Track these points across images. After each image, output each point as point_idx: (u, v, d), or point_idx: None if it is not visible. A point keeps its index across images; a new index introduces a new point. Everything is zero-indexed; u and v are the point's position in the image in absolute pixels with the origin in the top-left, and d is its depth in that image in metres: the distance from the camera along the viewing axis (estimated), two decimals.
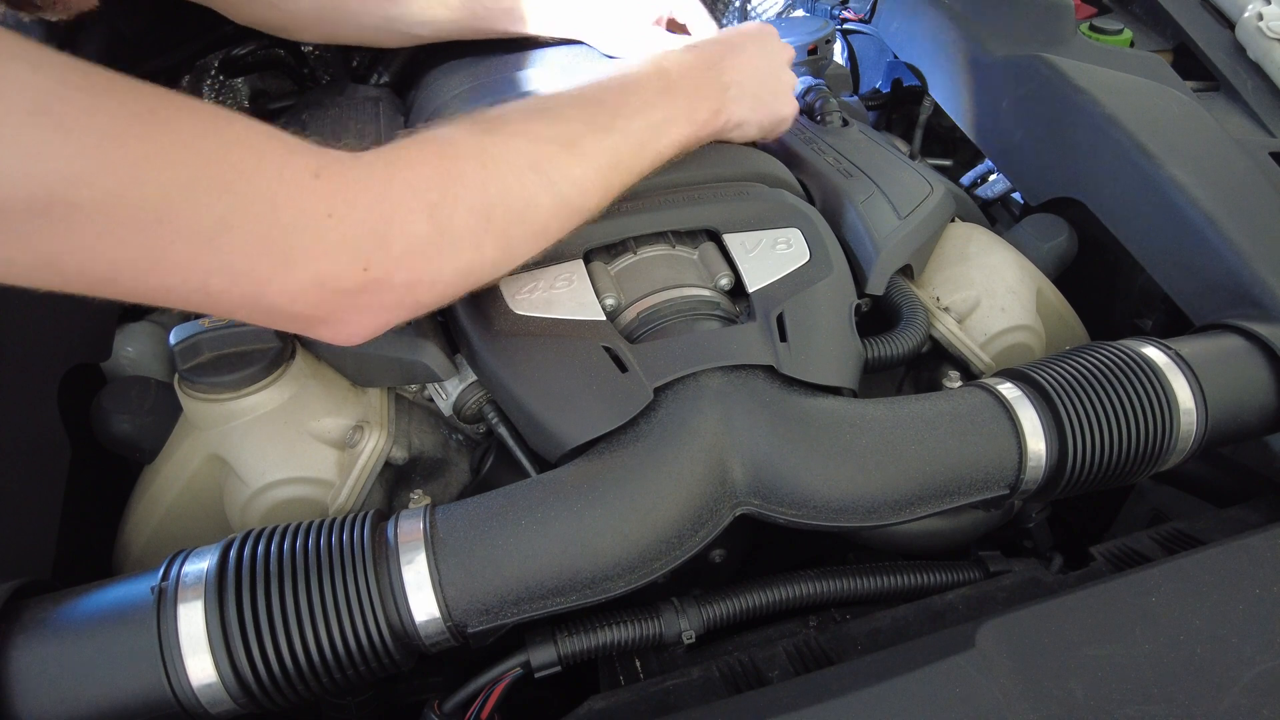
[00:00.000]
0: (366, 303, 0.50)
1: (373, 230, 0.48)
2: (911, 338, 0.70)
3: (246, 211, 0.44)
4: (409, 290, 0.52)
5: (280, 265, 0.46)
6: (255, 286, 0.46)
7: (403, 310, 0.53)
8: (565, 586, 0.51)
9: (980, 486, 0.58)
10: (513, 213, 0.55)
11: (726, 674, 0.54)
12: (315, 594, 0.48)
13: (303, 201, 0.45)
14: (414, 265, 0.51)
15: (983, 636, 0.50)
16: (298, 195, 0.45)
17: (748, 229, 0.69)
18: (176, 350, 0.59)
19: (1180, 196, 0.77)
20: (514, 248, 0.56)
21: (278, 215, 0.45)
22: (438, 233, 0.51)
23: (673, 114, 0.66)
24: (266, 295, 0.47)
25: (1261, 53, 1.00)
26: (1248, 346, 0.66)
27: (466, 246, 0.53)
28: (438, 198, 0.51)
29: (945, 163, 1.24)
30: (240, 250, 0.44)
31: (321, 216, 0.46)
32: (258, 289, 0.46)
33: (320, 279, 0.47)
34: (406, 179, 0.50)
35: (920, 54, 1.14)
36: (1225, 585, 0.53)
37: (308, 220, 0.46)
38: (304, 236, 0.46)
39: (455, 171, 0.52)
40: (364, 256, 0.48)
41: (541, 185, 0.56)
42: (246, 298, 0.47)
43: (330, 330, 0.52)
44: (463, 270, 0.54)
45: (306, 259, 0.46)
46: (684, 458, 0.54)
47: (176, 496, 0.62)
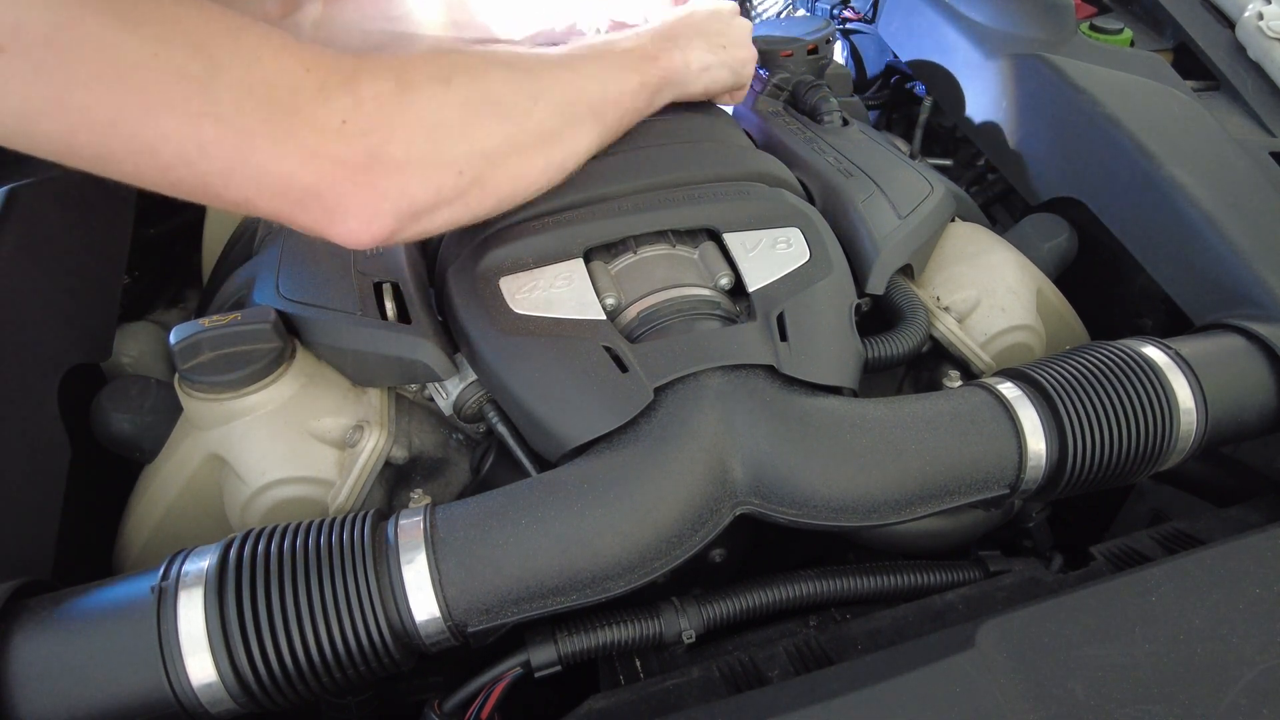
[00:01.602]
0: (356, 175, 0.52)
1: (345, 85, 0.51)
2: (912, 337, 0.70)
3: (231, 62, 0.47)
4: (396, 167, 0.54)
5: (264, 115, 0.48)
6: (244, 139, 0.48)
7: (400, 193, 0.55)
8: (565, 586, 0.51)
9: (980, 486, 0.58)
10: (472, 82, 0.58)
11: (726, 674, 0.54)
12: (315, 593, 0.48)
13: (282, 59, 0.49)
14: (387, 121, 0.53)
15: (983, 636, 0.50)
16: (280, 53, 0.49)
17: (748, 228, 0.69)
18: (176, 350, 0.59)
19: (1180, 196, 0.77)
20: (483, 121, 0.58)
21: (261, 66, 0.48)
22: (402, 90, 0.54)
23: (619, 51, 0.70)
24: (256, 152, 0.49)
25: (1262, 52, 1.00)
26: (1248, 346, 0.66)
27: (431, 106, 0.56)
28: (401, 66, 0.55)
29: (945, 162, 1.24)
30: (227, 96, 0.47)
31: (299, 71, 0.50)
32: (247, 142, 0.48)
33: (302, 134, 0.50)
34: (374, 57, 0.55)
35: (921, 54, 1.14)
36: (1225, 585, 0.53)
37: (286, 73, 0.49)
38: (283, 88, 0.49)
39: (417, 58, 0.57)
40: (339, 108, 0.51)
41: (496, 67, 0.61)
42: (236, 151, 0.48)
43: (328, 212, 0.53)
44: (436, 135, 0.56)
45: (288, 109, 0.49)
46: (684, 457, 0.54)
47: (176, 496, 0.62)
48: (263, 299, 0.65)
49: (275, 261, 0.68)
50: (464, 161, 0.58)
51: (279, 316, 0.62)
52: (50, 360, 0.65)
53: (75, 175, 0.48)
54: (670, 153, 0.75)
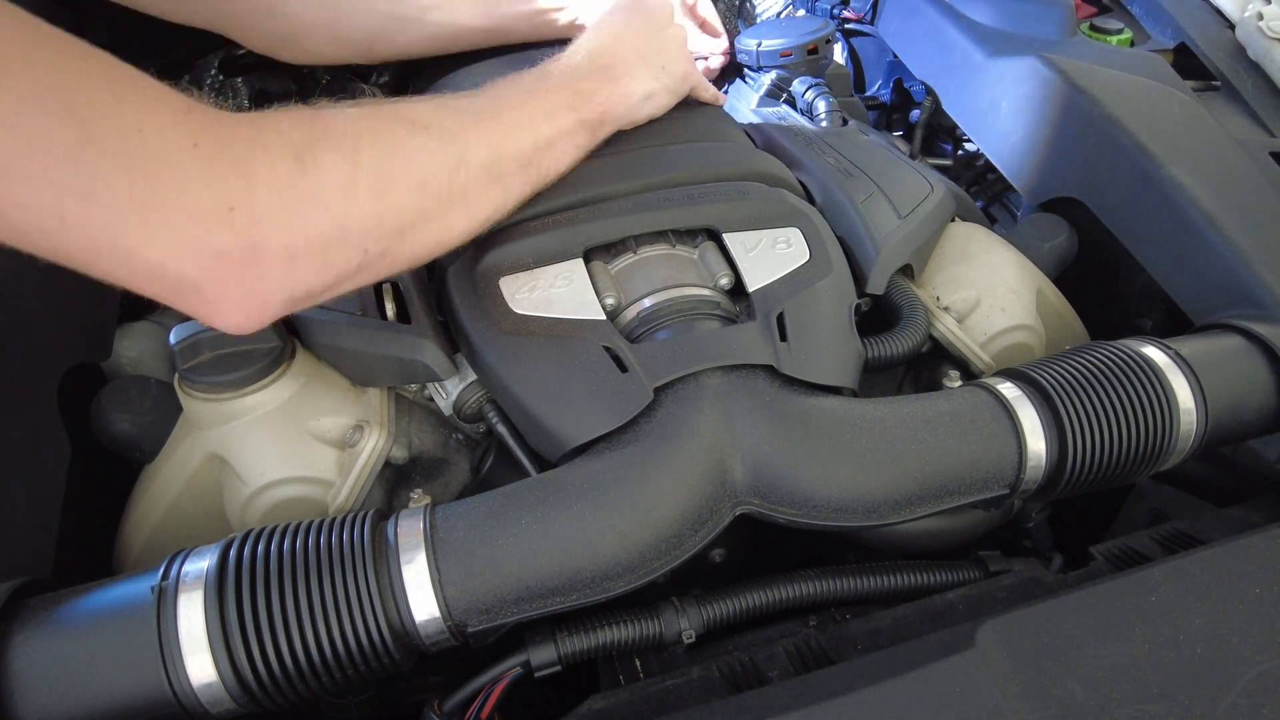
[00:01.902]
0: (239, 269, 0.46)
1: (236, 166, 0.46)
2: (911, 337, 0.70)
3: (108, 131, 0.42)
4: (286, 257, 0.48)
5: (139, 194, 0.42)
6: (112, 217, 0.42)
7: (284, 285, 0.49)
8: (565, 586, 0.51)
9: (980, 486, 0.58)
10: (384, 156, 0.52)
11: (726, 674, 0.54)
12: (315, 593, 0.48)
13: (168, 131, 0.44)
14: (282, 211, 0.47)
15: (983, 636, 0.50)
16: (165, 124, 0.43)
17: (748, 228, 0.69)
18: (176, 349, 0.59)
19: (1180, 196, 0.77)
20: (395, 196, 0.53)
21: (143, 139, 0.42)
22: (304, 172, 0.48)
23: (555, 88, 0.66)
24: (124, 229, 0.43)
25: (1262, 52, 1.00)
26: (1248, 346, 0.66)
27: (338, 189, 0.50)
28: (303, 141, 0.49)
29: (945, 162, 1.24)
30: (97, 171, 0.41)
31: (186, 146, 0.44)
32: (114, 220, 0.42)
33: (181, 219, 0.44)
34: (274, 127, 0.49)
35: (921, 53, 1.14)
36: (1225, 585, 0.53)
37: (171, 148, 0.43)
38: (166, 164, 0.43)
39: (321, 123, 0.51)
40: (227, 194, 0.45)
41: (414, 133, 0.55)
42: (103, 231, 0.43)
43: (207, 304, 0.48)
44: (339, 219, 0.50)
45: (168, 190, 0.43)
46: (684, 457, 0.54)
47: (176, 496, 0.62)
48: None
49: None
50: (371, 240, 0.52)
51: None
52: (50, 360, 0.65)
53: None
54: (670, 153, 0.75)
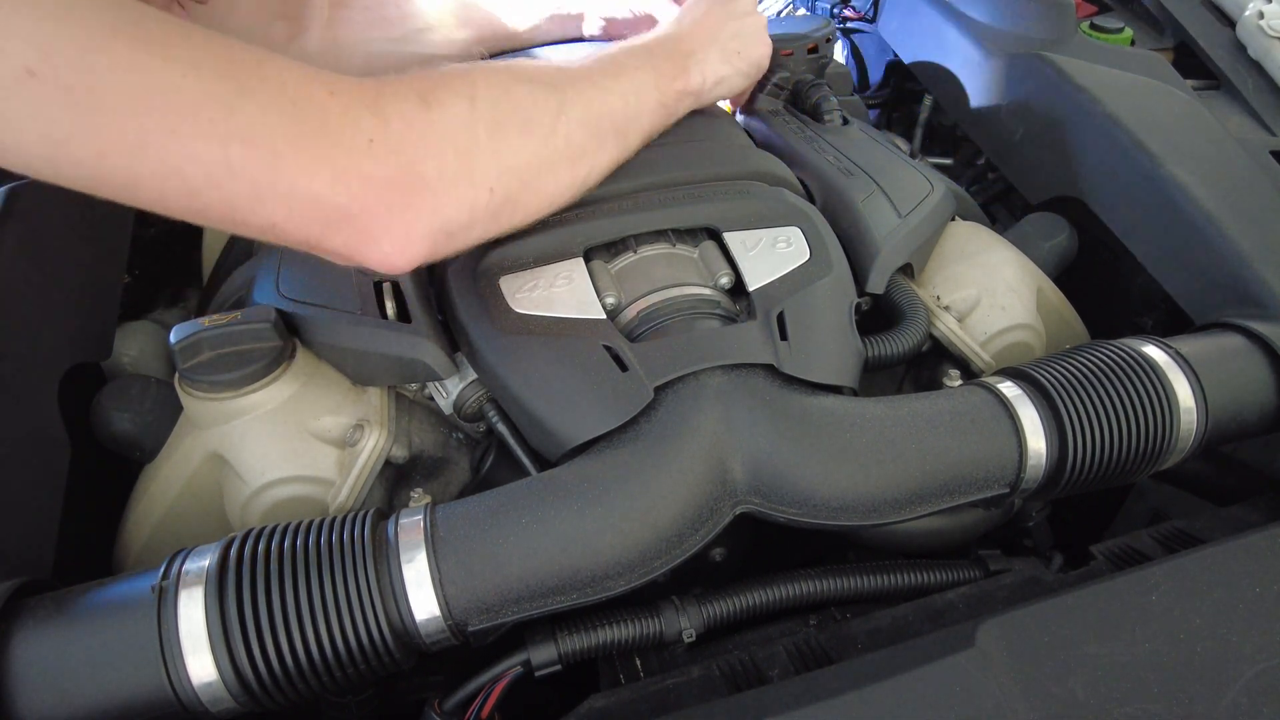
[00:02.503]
0: (387, 195, 0.52)
1: (370, 107, 0.51)
2: (912, 336, 0.70)
3: (258, 86, 0.47)
4: (427, 187, 0.53)
5: (292, 136, 0.48)
6: (271, 158, 0.48)
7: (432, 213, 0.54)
8: (565, 585, 0.51)
9: (980, 485, 0.58)
10: (498, 101, 0.57)
11: (727, 673, 0.54)
12: (316, 592, 0.48)
13: (307, 85, 0.49)
14: (415, 142, 0.53)
15: (983, 635, 0.50)
16: (302, 80, 0.49)
17: (748, 227, 0.69)
18: (177, 349, 0.59)
19: (1181, 195, 0.77)
20: (510, 138, 0.57)
21: (285, 92, 0.48)
22: (427, 110, 0.53)
23: (642, 66, 0.69)
24: (283, 168, 0.48)
25: (1262, 51, 1.00)
26: (1248, 345, 0.66)
27: (459, 126, 0.55)
28: (424, 86, 0.54)
29: (945, 161, 1.24)
30: (255, 119, 0.47)
31: (324, 95, 0.50)
32: (274, 161, 0.48)
33: (331, 155, 0.49)
34: (397, 80, 0.54)
35: (921, 53, 1.14)
36: (1225, 584, 0.53)
37: (312, 97, 0.49)
38: (311, 111, 0.49)
39: (439, 73, 0.56)
40: (365, 129, 0.51)
41: (522, 83, 0.59)
42: (265, 172, 0.48)
43: (361, 234, 0.52)
44: (464, 153, 0.55)
45: (315, 131, 0.49)
46: (684, 456, 0.54)
47: (177, 495, 0.62)
48: (263, 298, 0.65)
49: (275, 261, 0.68)
50: (495, 179, 0.57)
51: (279, 316, 0.62)
52: (50, 359, 0.65)
53: None
54: (670, 152, 0.75)
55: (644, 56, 0.71)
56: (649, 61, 0.71)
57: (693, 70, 0.73)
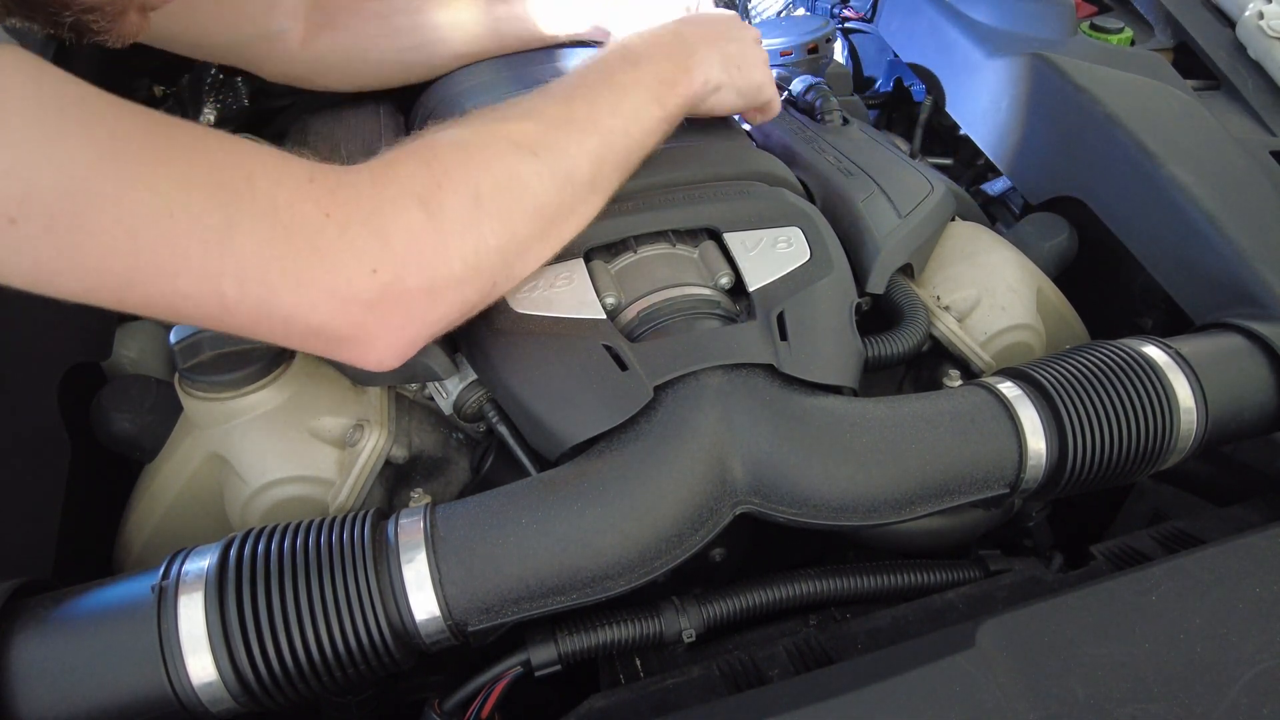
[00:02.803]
0: (386, 315, 0.51)
1: (369, 226, 0.49)
2: (912, 337, 0.70)
3: (249, 213, 0.45)
4: (427, 296, 0.52)
5: (288, 268, 0.47)
6: (267, 294, 0.47)
7: (427, 321, 0.53)
8: (565, 585, 0.51)
9: (980, 485, 0.58)
10: (501, 189, 0.55)
11: (727, 673, 0.54)
12: (316, 593, 0.48)
13: (301, 205, 0.47)
14: (419, 260, 0.51)
15: (983, 635, 0.50)
16: (295, 198, 0.47)
17: (748, 228, 0.69)
18: (177, 349, 0.59)
19: (1181, 195, 0.77)
20: (514, 226, 0.56)
21: (279, 217, 0.46)
22: (431, 219, 0.51)
23: (642, 79, 0.67)
24: (280, 305, 0.47)
25: (1262, 51, 1.00)
26: (1248, 345, 0.66)
27: (465, 230, 0.53)
28: (425, 187, 0.52)
29: (945, 162, 1.24)
30: (247, 253, 0.45)
31: (319, 217, 0.47)
32: (270, 296, 0.47)
33: (330, 285, 0.48)
34: (393, 176, 0.52)
35: (921, 53, 1.14)
36: (1225, 584, 0.53)
37: (307, 221, 0.47)
38: (306, 238, 0.47)
39: (439, 163, 0.54)
40: (368, 256, 0.49)
41: (525, 160, 0.57)
42: (262, 307, 0.47)
43: (359, 349, 0.52)
44: (470, 257, 0.53)
45: (312, 261, 0.47)
46: (684, 456, 0.54)
47: (177, 495, 0.62)
48: None
49: None
50: (499, 269, 0.56)
51: None
52: (50, 359, 0.65)
53: None
54: (670, 152, 0.75)
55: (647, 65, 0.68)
56: (652, 69, 0.68)
57: (695, 70, 0.71)
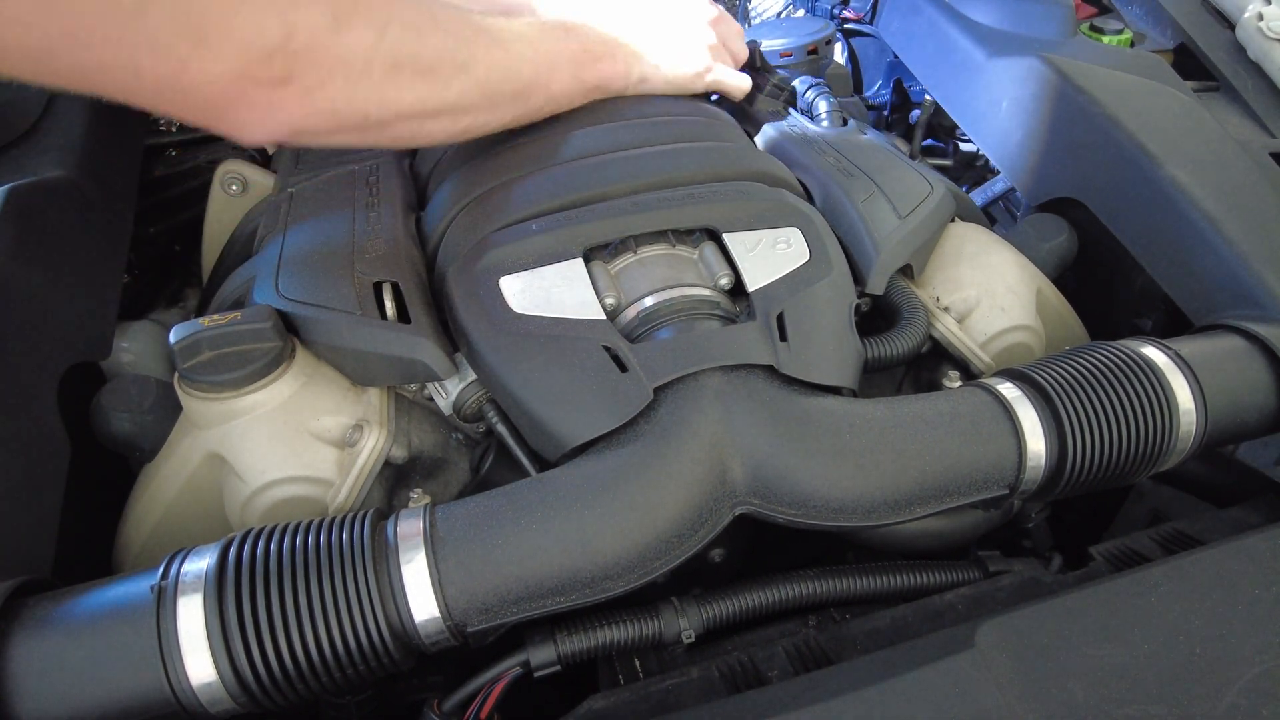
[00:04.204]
0: (270, 95, 0.55)
1: (282, 17, 0.53)
2: (911, 337, 0.70)
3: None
4: (304, 95, 0.56)
5: (199, 41, 0.50)
6: (177, 65, 0.50)
7: (296, 119, 0.58)
8: (565, 586, 0.51)
9: (980, 486, 0.58)
10: (403, 42, 0.60)
11: (726, 674, 0.54)
12: (315, 593, 0.48)
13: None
14: (310, 62, 0.55)
15: (982, 636, 0.50)
16: None
17: (748, 228, 0.69)
18: (176, 349, 0.59)
19: (1180, 197, 0.77)
20: (400, 79, 0.60)
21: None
22: (334, 32, 0.56)
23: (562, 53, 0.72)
24: (185, 76, 0.51)
25: (1262, 53, 1.00)
26: (1247, 347, 0.66)
27: (358, 59, 0.57)
28: (342, 6, 0.56)
29: (945, 163, 1.24)
30: (163, 24, 0.49)
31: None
32: (178, 67, 0.51)
33: (233, 64, 0.52)
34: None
35: (921, 54, 1.14)
36: (1225, 585, 0.53)
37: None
38: (219, 12, 0.51)
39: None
40: (270, 43, 0.53)
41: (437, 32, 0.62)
42: (167, 77, 0.51)
43: (235, 122, 0.56)
44: (350, 84, 0.58)
45: (221, 36, 0.51)
46: (684, 457, 0.54)
47: (176, 495, 0.62)
48: (262, 298, 0.65)
49: (275, 261, 0.68)
50: (374, 109, 0.60)
51: (279, 316, 0.62)
52: (50, 359, 0.65)
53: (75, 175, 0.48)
54: (670, 153, 0.75)
55: (576, 31, 0.74)
56: (579, 38, 0.73)
57: (619, 60, 0.76)
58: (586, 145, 0.75)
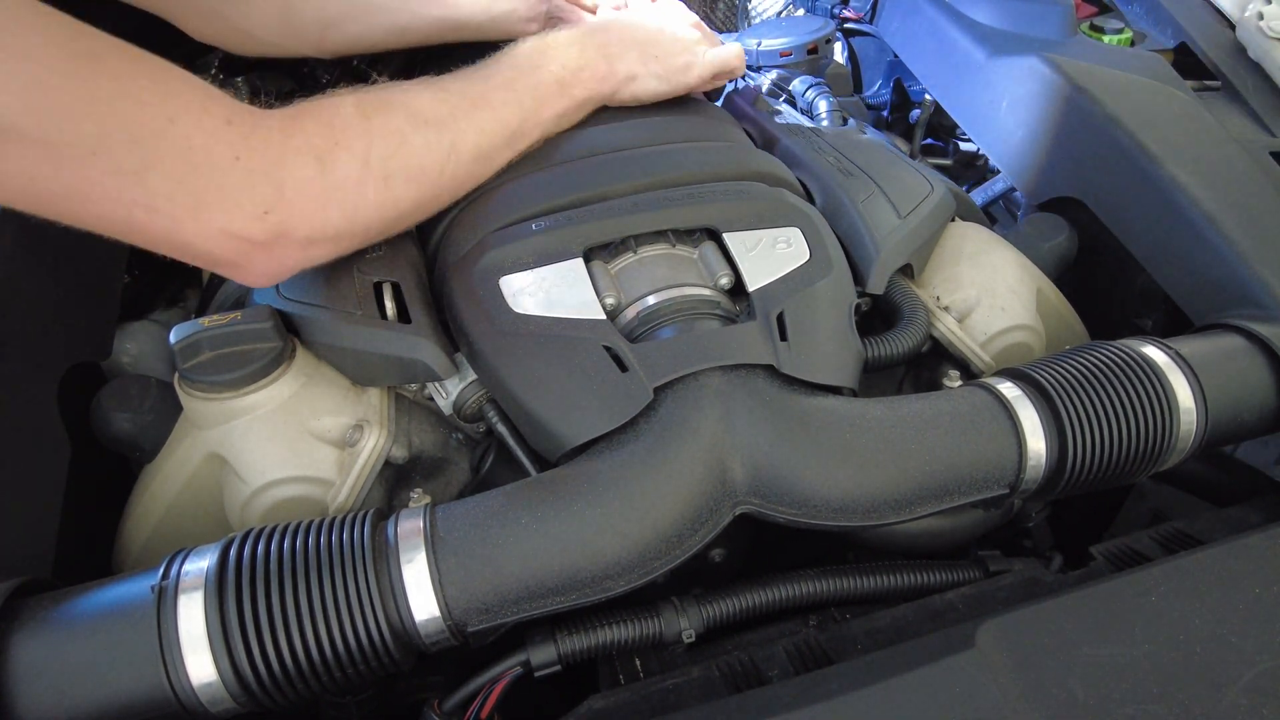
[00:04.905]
0: (269, 251, 0.57)
1: (270, 176, 0.55)
2: (911, 337, 0.70)
3: (167, 153, 0.50)
4: (305, 242, 0.59)
5: (193, 207, 0.52)
6: (172, 224, 0.52)
7: (302, 260, 0.60)
8: (565, 585, 0.51)
9: (980, 486, 0.58)
10: (389, 155, 0.61)
11: (726, 673, 0.54)
12: (315, 593, 0.48)
13: (214, 147, 0.52)
14: (305, 210, 0.57)
15: (982, 636, 0.50)
16: (211, 141, 0.52)
17: (748, 228, 0.69)
18: (177, 349, 0.59)
19: (1181, 196, 0.77)
20: (395, 189, 0.62)
21: (192, 157, 0.51)
22: (323, 175, 0.57)
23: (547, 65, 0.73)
24: (182, 234, 0.53)
25: (1262, 52, 1.00)
26: (1248, 346, 0.66)
27: (350, 189, 0.59)
28: (324, 144, 0.58)
29: (945, 162, 1.24)
30: (159, 189, 0.51)
31: (229, 160, 0.53)
32: (175, 226, 0.53)
33: (227, 226, 0.54)
34: (300, 129, 0.58)
35: (921, 54, 1.14)
36: (1225, 585, 0.53)
37: (217, 163, 0.52)
38: (213, 178, 0.52)
39: (340, 122, 0.60)
40: (263, 201, 0.55)
41: (417, 129, 0.63)
42: (165, 233, 0.53)
43: (240, 274, 0.59)
44: (349, 213, 0.60)
45: (215, 203, 0.53)
46: (684, 457, 0.54)
47: (176, 495, 0.62)
48: (263, 298, 0.65)
49: None
50: (374, 226, 0.63)
51: (279, 316, 0.62)
52: (50, 359, 0.65)
53: None
54: (670, 152, 0.75)
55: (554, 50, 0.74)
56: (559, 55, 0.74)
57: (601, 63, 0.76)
58: (586, 145, 0.75)
